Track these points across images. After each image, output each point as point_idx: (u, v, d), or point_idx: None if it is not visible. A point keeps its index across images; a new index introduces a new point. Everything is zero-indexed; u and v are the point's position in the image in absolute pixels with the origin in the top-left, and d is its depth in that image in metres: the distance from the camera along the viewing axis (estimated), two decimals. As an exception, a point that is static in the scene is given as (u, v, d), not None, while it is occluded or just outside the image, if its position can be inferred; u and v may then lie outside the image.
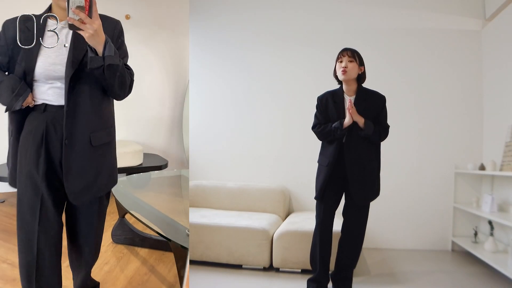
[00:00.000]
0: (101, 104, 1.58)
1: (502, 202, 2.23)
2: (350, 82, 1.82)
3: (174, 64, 4.89)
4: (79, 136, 1.51)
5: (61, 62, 1.48)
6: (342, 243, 1.90)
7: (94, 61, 1.41)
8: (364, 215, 1.85)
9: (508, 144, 2.20)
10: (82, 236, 1.71)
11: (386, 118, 1.86)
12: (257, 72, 2.73)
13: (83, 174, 1.54)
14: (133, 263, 2.58)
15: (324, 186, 1.83)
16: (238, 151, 2.75)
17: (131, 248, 2.80)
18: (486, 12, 2.45)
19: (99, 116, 1.57)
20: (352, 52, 1.80)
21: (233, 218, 2.33)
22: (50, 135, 1.51)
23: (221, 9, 2.75)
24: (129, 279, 2.39)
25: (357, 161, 1.81)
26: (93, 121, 1.55)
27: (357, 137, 1.80)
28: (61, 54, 1.50)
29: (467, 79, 2.50)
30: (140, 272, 2.48)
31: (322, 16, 2.58)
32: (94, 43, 1.39)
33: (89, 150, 1.54)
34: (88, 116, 1.53)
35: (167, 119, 4.88)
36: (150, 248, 2.79)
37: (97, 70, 1.44)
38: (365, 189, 1.82)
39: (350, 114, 1.76)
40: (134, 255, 2.70)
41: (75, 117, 1.49)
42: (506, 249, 2.15)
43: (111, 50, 1.42)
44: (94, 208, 1.67)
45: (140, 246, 2.81)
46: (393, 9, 2.52)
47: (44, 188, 1.52)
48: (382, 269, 2.14)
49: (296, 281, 2.05)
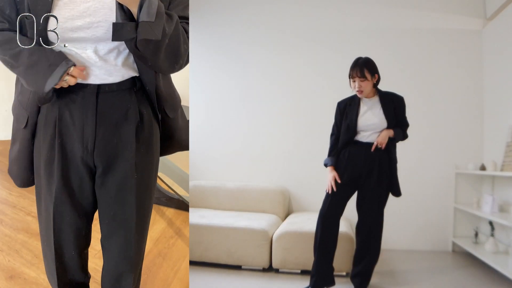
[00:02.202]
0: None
1: (503, 202, 2.23)
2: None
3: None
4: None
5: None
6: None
7: (121, 31, 0.95)
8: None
9: (509, 144, 2.20)
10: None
11: (406, 118, 1.91)
12: (256, 72, 2.72)
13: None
14: (158, 224, 2.48)
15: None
16: (237, 152, 2.74)
17: (157, 207, 2.66)
18: (486, 11, 2.45)
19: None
20: (361, 70, 1.78)
21: (233, 218, 2.32)
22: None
23: (222, 5, 2.74)
24: (155, 241, 2.30)
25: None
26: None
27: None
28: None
29: (467, 79, 2.49)
30: (166, 234, 2.39)
31: (324, 13, 2.57)
32: (126, 0, 0.93)
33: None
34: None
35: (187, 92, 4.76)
36: (177, 209, 2.67)
37: (129, 43, 1.01)
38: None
39: (382, 145, 1.81)
40: (160, 215, 2.59)
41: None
42: (507, 250, 2.14)
43: (151, 12, 0.93)
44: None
45: (166, 206, 2.69)
46: (392, 9, 2.51)
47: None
48: (382, 269, 2.13)
49: (296, 282, 2.04)
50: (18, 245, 2.22)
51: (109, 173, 1.20)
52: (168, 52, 1.05)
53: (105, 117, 1.13)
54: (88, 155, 1.16)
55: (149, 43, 0.97)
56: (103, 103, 1.12)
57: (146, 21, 0.94)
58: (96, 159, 1.17)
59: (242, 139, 2.74)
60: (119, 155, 1.18)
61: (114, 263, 1.34)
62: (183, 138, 1.36)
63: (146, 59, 1.05)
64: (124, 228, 1.27)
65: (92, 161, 1.18)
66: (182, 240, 2.37)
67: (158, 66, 1.09)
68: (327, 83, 2.49)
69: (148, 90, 1.17)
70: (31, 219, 2.46)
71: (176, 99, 1.32)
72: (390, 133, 1.82)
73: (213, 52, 2.75)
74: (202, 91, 2.76)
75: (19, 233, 2.32)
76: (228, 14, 2.73)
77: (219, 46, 2.75)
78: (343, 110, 1.88)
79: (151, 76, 1.14)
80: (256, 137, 2.73)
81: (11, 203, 2.62)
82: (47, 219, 1.26)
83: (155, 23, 0.94)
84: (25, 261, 2.11)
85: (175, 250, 2.26)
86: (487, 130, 2.44)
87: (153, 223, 2.47)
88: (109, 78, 1.10)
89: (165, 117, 1.27)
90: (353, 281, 1.93)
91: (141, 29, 0.94)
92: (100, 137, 1.14)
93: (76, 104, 1.12)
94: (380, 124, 1.83)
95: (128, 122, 1.16)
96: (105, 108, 1.13)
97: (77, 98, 1.11)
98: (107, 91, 1.12)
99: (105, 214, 1.27)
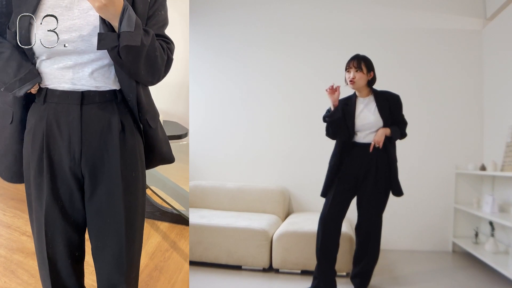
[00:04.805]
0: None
1: (503, 202, 2.22)
2: (361, 88, 1.86)
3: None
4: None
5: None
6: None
7: (105, 40, 1.06)
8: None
9: (509, 144, 2.19)
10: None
11: (403, 116, 1.91)
12: (256, 72, 2.72)
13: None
14: (153, 238, 2.52)
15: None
16: (237, 152, 2.74)
17: (151, 221, 2.71)
18: (486, 11, 2.45)
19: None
20: (358, 62, 1.82)
21: (233, 218, 2.32)
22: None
23: (222, 5, 2.73)
24: (151, 255, 2.33)
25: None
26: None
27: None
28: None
29: (467, 79, 2.49)
30: (162, 248, 2.42)
31: (325, 14, 2.57)
32: (106, 14, 1.03)
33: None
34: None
35: (187, 85, 4.70)
36: (170, 223, 2.71)
37: (111, 52, 1.09)
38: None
39: (379, 143, 1.81)
40: (154, 229, 2.64)
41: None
42: (507, 250, 2.14)
43: (131, 24, 1.05)
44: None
45: (160, 220, 2.73)
46: (392, 9, 2.52)
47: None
48: (383, 270, 2.13)
49: (296, 282, 2.04)
50: (14, 266, 2.20)
51: (96, 183, 1.24)
52: (147, 62, 1.14)
53: (89, 127, 1.19)
54: (76, 165, 1.21)
55: (130, 50, 1.07)
56: (87, 114, 1.19)
57: (126, 31, 1.05)
58: (84, 168, 1.21)
59: (242, 139, 2.74)
60: (105, 163, 1.22)
61: (106, 275, 1.34)
62: (164, 150, 1.40)
63: (128, 67, 1.14)
64: (114, 239, 1.28)
65: (79, 171, 1.22)
66: (177, 253, 2.37)
67: (138, 74, 1.17)
68: (327, 83, 2.48)
69: (129, 100, 1.23)
70: (26, 238, 2.44)
71: (156, 110, 1.38)
72: (387, 132, 1.82)
73: (213, 52, 2.75)
74: (202, 91, 2.76)
75: (14, 253, 2.30)
76: (228, 14, 2.73)
77: (219, 46, 2.75)
78: (342, 109, 1.88)
79: (132, 87, 1.21)
80: (256, 137, 2.72)
81: (5, 223, 2.60)
82: (38, 229, 1.28)
83: (135, 32, 1.06)
84: (21, 281, 2.09)
85: (171, 263, 2.27)
86: (487, 130, 2.44)
87: (148, 237, 2.50)
88: (87, 86, 1.19)
89: (147, 128, 1.32)
90: (353, 281, 1.93)
91: (122, 37, 1.05)
92: (86, 147, 1.20)
93: (63, 116, 1.18)
94: (376, 123, 1.83)
95: (111, 132, 1.21)
96: (89, 119, 1.19)
97: (62, 109, 1.17)
98: (91, 103, 1.19)
99: (95, 225, 1.28)
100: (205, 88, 2.76)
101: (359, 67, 1.81)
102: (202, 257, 2.19)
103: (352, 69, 1.82)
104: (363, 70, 1.81)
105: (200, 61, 2.73)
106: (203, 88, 2.76)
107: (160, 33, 1.24)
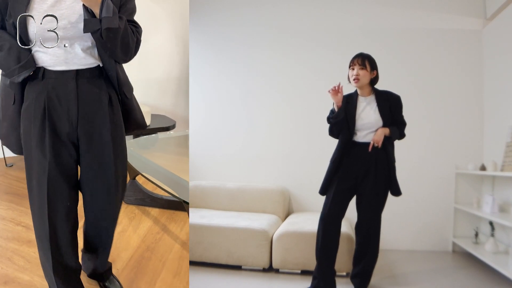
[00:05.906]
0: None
1: (503, 202, 2.22)
2: (363, 87, 1.87)
3: (183, 21, 4.71)
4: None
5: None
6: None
7: (90, 24, 1.30)
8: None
9: (509, 144, 2.19)
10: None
11: (403, 117, 1.91)
12: (256, 72, 2.72)
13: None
14: (145, 223, 2.66)
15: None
16: (237, 152, 2.74)
17: (142, 208, 2.86)
18: (487, 11, 2.45)
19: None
20: (363, 60, 1.83)
21: (233, 218, 2.32)
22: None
23: (222, 5, 2.73)
24: (142, 238, 2.48)
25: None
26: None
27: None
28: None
29: (467, 79, 2.49)
30: (153, 231, 2.56)
31: (325, 14, 2.57)
32: (90, 3, 1.28)
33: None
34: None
35: (174, 79, 4.73)
36: (161, 208, 2.86)
37: (95, 34, 1.34)
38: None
39: (378, 143, 1.81)
40: (145, 215, 2.76)
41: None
42: (507, 250, 2.14)
43: (109, 10, 1.29)
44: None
45: (151, 206, 2.88)
46: (392, 9, 2.51)
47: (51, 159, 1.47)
48: (382, 270, 2.13)
49: (296, 282, 2.04)
50: (10, 253, 2.26)
51: (91, 141, 1.50)
52: (122, 42, 1.39)
53: (84, 97, 1.45)
54: (73, 130, 1.46)
55: (109, 31, 1.32)
56: (82, 87, 1.44)
57: (106, 16, 1.29)
58: (80, 133, 1.48)
59: (242, 139, 2.74)
60: (97, 128, 1.50)
61: (94, 217, 1.68)
62: (138, 117, 1.69)
63: (107, 47, 1.39)
64: (105, 186, 1.58)
65: (75, 136, 1.48)
66: (168, 234, 2.53)
67: (115, 52, 1.42)
68: (326, 83, 2.48)
69: (110, 75, 1.50)
70: (21, 228, 2.51)
71: (130, 85, 1.64)
72: (386, 131, 1.82)
73: (213, 52, 2.75)
74: (202, 91, 2.76)
75: (10, 242, 2.37)
76: (228, 14, 2.73)
77: (219, 46, 2.75)
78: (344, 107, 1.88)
79: (112, 64, 1.48)
80: (256, 137, 2.72)
81: (0, 215, 2.67)
82: (40, 196, 1.48)
83: (113, 17, 1.30)
84: (18, 267, 2.14)
85: (162, 244, 2.43)
86: (487, 130, 2.44)
87: (139, 222, 2.68)
88: (79, 65, 1.42)
89: (124, 98, 1.59)
90: (353, 282, 1.93)
91: (104, 21, 1.29)
92: (82, 114, 1.46)
93: (61, 88, 1.42)
94: (376, 123, 1.83)
95: (102, 102, 1.49)
96: (83, 91, 1.45)
97: (60, 83, 1.41)
98: (83, 77, 1.44)
99: (88, 176, 1.56)
100: (205, 88, 2.76)
101: (363, 64, 1.82)
102: (202, 257, 2.19)
103: (356, 66, 1.83)
104: (367, 68, 1.82)
105: (200, 61, 2.73)
106: (203, 88, 2.76)
107: (130, 19, 1.49)
